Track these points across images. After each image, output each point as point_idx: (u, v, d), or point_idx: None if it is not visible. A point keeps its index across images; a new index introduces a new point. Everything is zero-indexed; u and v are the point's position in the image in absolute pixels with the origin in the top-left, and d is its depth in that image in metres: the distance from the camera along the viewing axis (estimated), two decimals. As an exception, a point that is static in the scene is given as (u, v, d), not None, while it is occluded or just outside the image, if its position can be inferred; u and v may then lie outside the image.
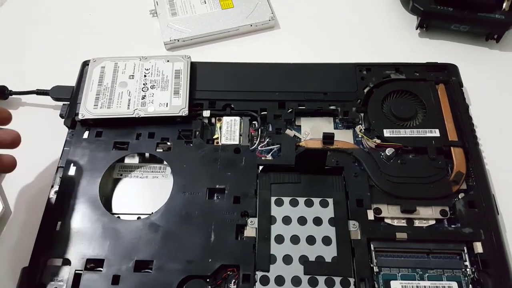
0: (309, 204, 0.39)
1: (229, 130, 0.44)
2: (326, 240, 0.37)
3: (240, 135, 0.44)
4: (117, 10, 0.58)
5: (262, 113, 0.45)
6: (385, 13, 0.58)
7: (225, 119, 0.45)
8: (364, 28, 0.56)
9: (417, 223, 0.38)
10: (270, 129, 0.44)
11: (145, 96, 0.44)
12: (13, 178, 0.44)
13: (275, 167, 0.41)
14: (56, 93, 0.47)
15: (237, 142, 0.43)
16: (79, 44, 0.55)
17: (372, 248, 0.37)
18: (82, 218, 0.38)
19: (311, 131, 0.44)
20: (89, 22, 0.58)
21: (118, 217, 0.39)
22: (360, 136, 0.43)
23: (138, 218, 0.39)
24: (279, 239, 0.37)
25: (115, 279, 0.35)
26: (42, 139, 0.46)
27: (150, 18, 0.57)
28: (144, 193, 0.41)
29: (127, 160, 0.43)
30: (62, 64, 0.53)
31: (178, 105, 0.43)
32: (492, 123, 0.47)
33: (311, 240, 0.37)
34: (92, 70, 0.46)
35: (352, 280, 0.35)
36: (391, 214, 0.38)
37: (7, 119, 0.37)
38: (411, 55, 0.51)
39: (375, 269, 0.36)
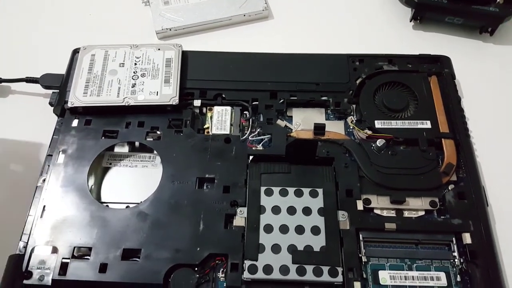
0: (299, 194, 0.38)
1: (220, 120, 0.43)
2: (315, 230, 0.36)
3: (231, 125, 0.43)
4: (109, -1, 0.58)
5: (254, 103, 0.44)
6: (379, 4, 0.57)
7: (216, 108, 0.44)
8: (357, 19, 0.56)
9: (406, 214, 0.38)
10: (261, 119, 0.44)
11: (135, 84, 0.44)
12: (1, 166, 0.44)
13: (266, 157, 0.41)
14: (46, 81, 0.46)
15: (227, 132, 0.43)
16: (70, 32, 0.54)
17: (361, 238, 0.37)
18: (70, 206, 0.38)
19: (303, 121, 0.44)
20: (81, 10, 0.57)
21: (107, 205, 0.39)
22: (351, 127, 0.43)
23: (127, 207, 0.39)
24: (268, 228, 0.37)
25: (103, 267, 0.35)
26: (31, 127, 0.46)
27: (142, 7, 0.56)
28: (133, 182, 0.41)
29: (117, 149, 0.43)
30: (52, 52, 0.52)
31: (168, 94, 0.43)
32: (483, 116, 0.47)
33: (300, 229, 0.36)
34: (82, 58, 0.45)
35: (340, 269, 0.35)
36: (381, 204, 0.38)
37: None
38: (404, 47, 0.51)
39: (364, 259, 0.36)
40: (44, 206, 0.38)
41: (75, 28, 0.55)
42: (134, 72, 0.45)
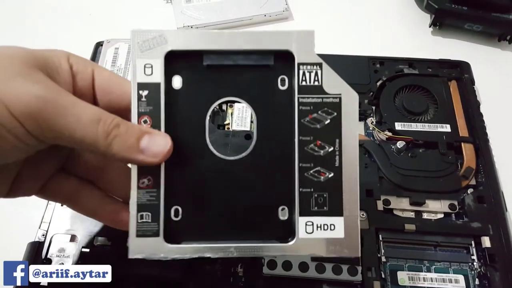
0: (318, 192, 0.39)
1: (241, 117, 0.44)
2: (335, 228, 0.37)
3: (251, 121, 0.44)
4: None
5: (274, 101, 0.45)
6: (398, 9, 0.58)
7: (237, 105, 0.44)
8: (377, 23, 0.56)
9: (425, 216, 0.38)
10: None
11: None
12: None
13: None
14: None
15: (248, 129, 0.43)
16: (93, 27, 0.55)
17: (380, 238, 0.37)
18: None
19: (322, 121, 0.44)
20: (103, 6, 0.58)
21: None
22: (371, 128, 0.43)
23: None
24: (288, 225, 0.37)
25: (122, 256, 0.35)
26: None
27: (164, 4, 0.57)
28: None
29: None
30: (74, 46, 0.52)
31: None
32: (502, 122, 0.47)
33: (319, 227, 0.37)
34: (106, 51, 0.46)
35: (359, 268, 0.35)
36: (400, 206, 0.38)
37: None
38: (423, 53, 0.51)
39: (383, 259, 0.36)
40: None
41: (98, 24, 0.56)
42: (157, 67, 0.45)
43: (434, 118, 0.43)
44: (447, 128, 0.43)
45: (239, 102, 0.45)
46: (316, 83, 0.26)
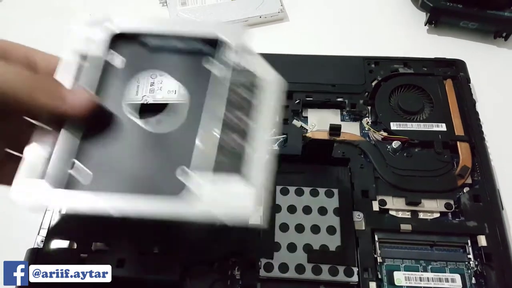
0: (314, 194, 0.39)
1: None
2: (331, 230, 0.37)
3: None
4: (126, -1, 0.59)
5: (270, 103, 0.45)
6: (394, 8, 0.58)
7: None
8: (372, 22, 0.56)
9: (421, 216, 0.38)
10: (277, 119, 0.44)
11: (153, 83, 0.44)
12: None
13: (281, 156, 0.41)
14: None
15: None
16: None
17: (376, 239, 0.37)
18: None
19: (318, 122, 0.44)
20: (99, 9, 0.58)
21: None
22: (367, 129, 0.44)
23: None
24: (284, 227, 0.37)
25: (120, 262, 0.35)
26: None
27: (159, 7, 0.57)
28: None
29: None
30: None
31: (186, 93, 0.43)
32: (498, 120, 0.47)
33: (315, 229, 0.37)
34: (101, 56, 0.46)
35: (355, 269, 0.35)
36: (396, 206, 0.39)
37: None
38: (419, 51, 0.51)
39: (379, 259, 0.36)
40: (63, 201, 0.39)
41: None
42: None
43: (430, 117, 0.43)
44: (442, 127, 0.43)
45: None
46: (244, 66, 0.28)
